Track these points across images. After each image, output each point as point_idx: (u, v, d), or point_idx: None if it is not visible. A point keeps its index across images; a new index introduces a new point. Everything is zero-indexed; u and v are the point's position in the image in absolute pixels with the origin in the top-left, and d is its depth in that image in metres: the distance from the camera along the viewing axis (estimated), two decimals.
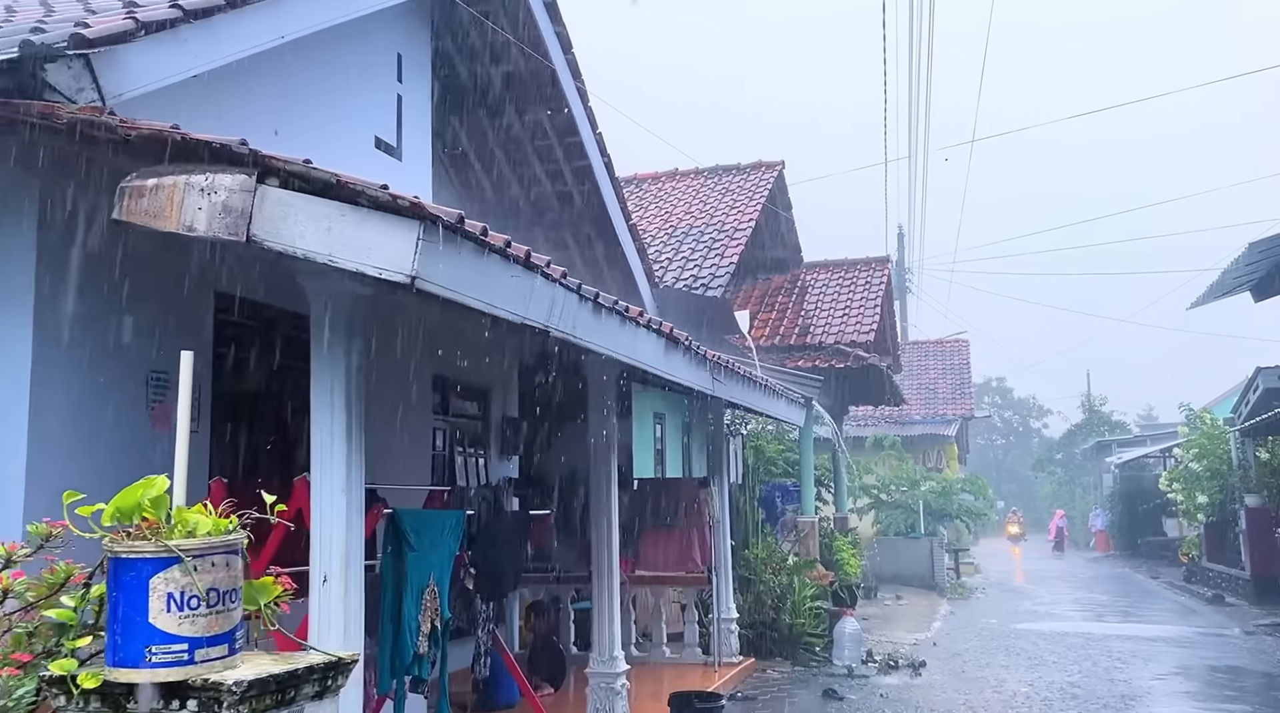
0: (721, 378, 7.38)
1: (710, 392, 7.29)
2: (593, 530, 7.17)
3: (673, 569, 10.23)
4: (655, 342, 5.84)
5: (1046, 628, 14.55)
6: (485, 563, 5.59)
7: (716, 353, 7.23)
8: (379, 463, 6.62)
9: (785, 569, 12.38)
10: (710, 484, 10.02)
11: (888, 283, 16.60)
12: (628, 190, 15.56)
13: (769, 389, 9.21)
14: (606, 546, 7.11)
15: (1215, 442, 18.83)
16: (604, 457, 7.10)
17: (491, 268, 3.80)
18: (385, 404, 6.82)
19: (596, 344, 4.89)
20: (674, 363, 6.29)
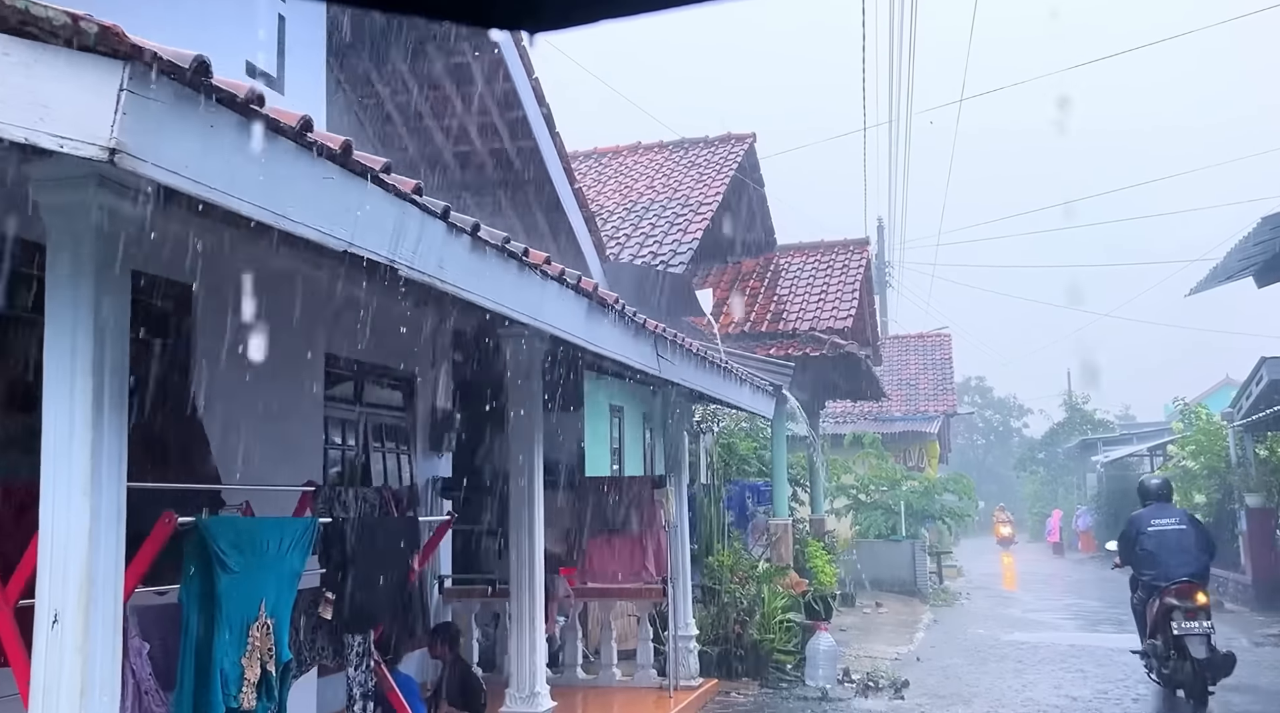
0: (669, 356, 6.16)
1: (656, 372, 6.07)
2: (512, 537, 5.96)
3: (624, 580, 9.02)
4: (574, 302, 4.61)
5: (1038, 639, 13.44)
6: (355, 584, 4.35)
7: (662, 325, 6.01)
8: (227, 458, 5.37)
9: (754, 578, 11.19)
10: (666, 483, 8.81)
11: (867, 267, 15.45)
12: (586, 164, 14.35)
13: (730, 373, 8.00)
14: (528, 555, 5.90)
15: (1212, 438, 17.79)
16: (525, 447, 5.89)
17: (279, 157, 2.56)
18: (237, 383, 5.56)
19: (480, 296, 3.66)
20: (601, 332, 5.06)
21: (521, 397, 5.88)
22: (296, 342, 6.12)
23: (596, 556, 9.02)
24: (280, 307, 5.98)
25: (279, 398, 5.91)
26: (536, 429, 5.94)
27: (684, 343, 6.45)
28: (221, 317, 5.60)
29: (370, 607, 4.44)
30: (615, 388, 11.99)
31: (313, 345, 6.36)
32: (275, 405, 5.88)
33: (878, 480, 20.82)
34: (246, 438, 5.52)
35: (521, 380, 5.85)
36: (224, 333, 5.65)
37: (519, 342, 5.77)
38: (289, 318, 6.06)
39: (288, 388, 5.96)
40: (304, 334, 6.19)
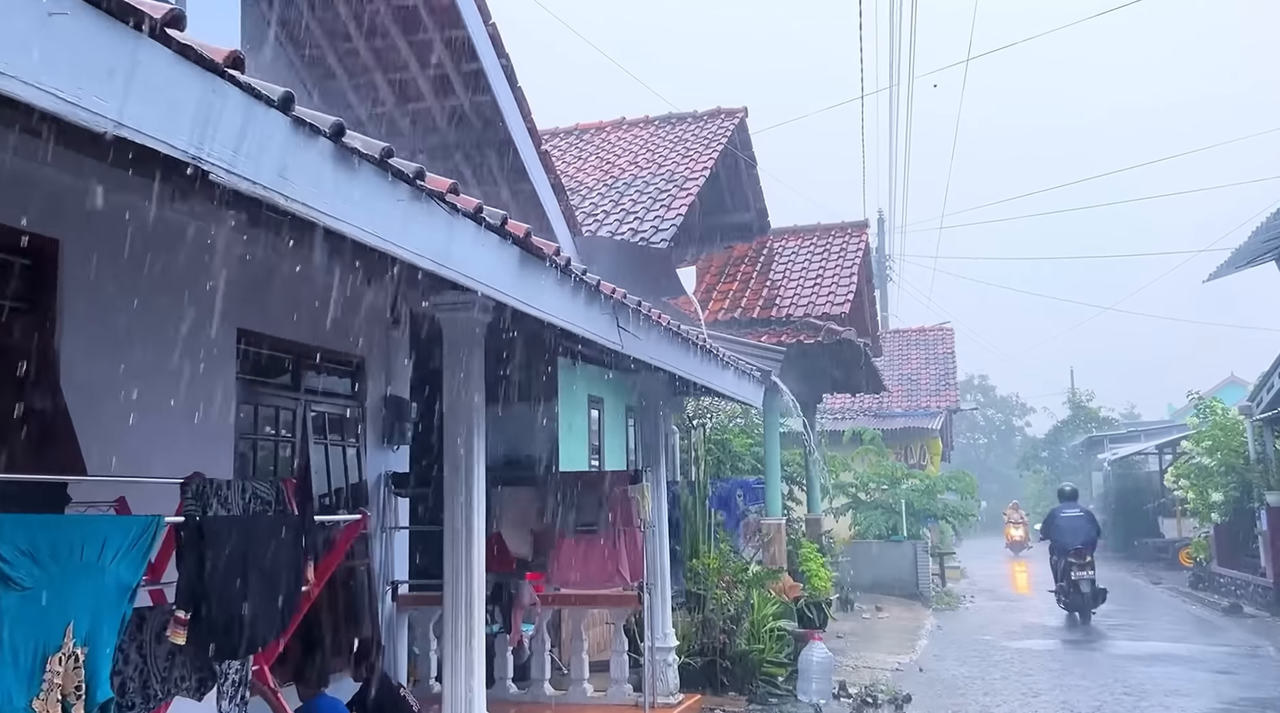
0: (632, 328, 5.28)
1: (616, 347, 5.20)
2: (446, 540, 5.09)
3: (596, 585, 8.15)
4: (499, 249, 3.74)
5: (1048, 647, 12.57)
6: (222, 598, 3.48)
7: (625, 291, 5.14)
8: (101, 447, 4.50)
9: (743, 582, 10.32)
10: (643, 478, 7.93)
11: (865, 251, 14.57)
12: (566, 142, 13.49)
13: (711, 355, 7.12)
14: (464, 560, 5.04)
15: (1229, 433, 16.91)
16: (462, 436, 5.03)
17: None
18: (114, 359, 4.70)
19: (350, 224, 2.79)
20: (542, 292, 4.19)
21: (457, 376, 5.02)
22: (197, 313, 5.25)
23: (566, 559, 8.15)
24: (175, 270, 5.12)
25: (170, 379, 5.04)
26: (477, 415, 5.08)
27: (652, 315, 5.58)
28: (98, 278, 4.75)
29: (244, 626, 3.57)
30: (594, 378, 11.14)
31: (219, 318, 5.49)
32: (165, 387, 5.01)
33: (878, 478, 19.95)
34: (124, 425, 4.66)
35: (456, 356, 4.99)
36: (99, 297, 4.79)
37: (454, 311, 4.92)
38: (186, 284, 5.20)
39: (183, 368, 5.08)
40: (206, 304, 5.32)
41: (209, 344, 5.40)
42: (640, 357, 5.63)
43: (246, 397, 6.53)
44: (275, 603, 3.80)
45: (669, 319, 5.84)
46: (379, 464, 8.36)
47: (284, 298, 6.24)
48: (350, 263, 5.72)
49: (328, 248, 4.59)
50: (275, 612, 3.81)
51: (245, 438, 6.84)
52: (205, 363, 5.34)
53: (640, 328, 5.48)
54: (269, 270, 5.93)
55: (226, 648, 3.55)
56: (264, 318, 6.39)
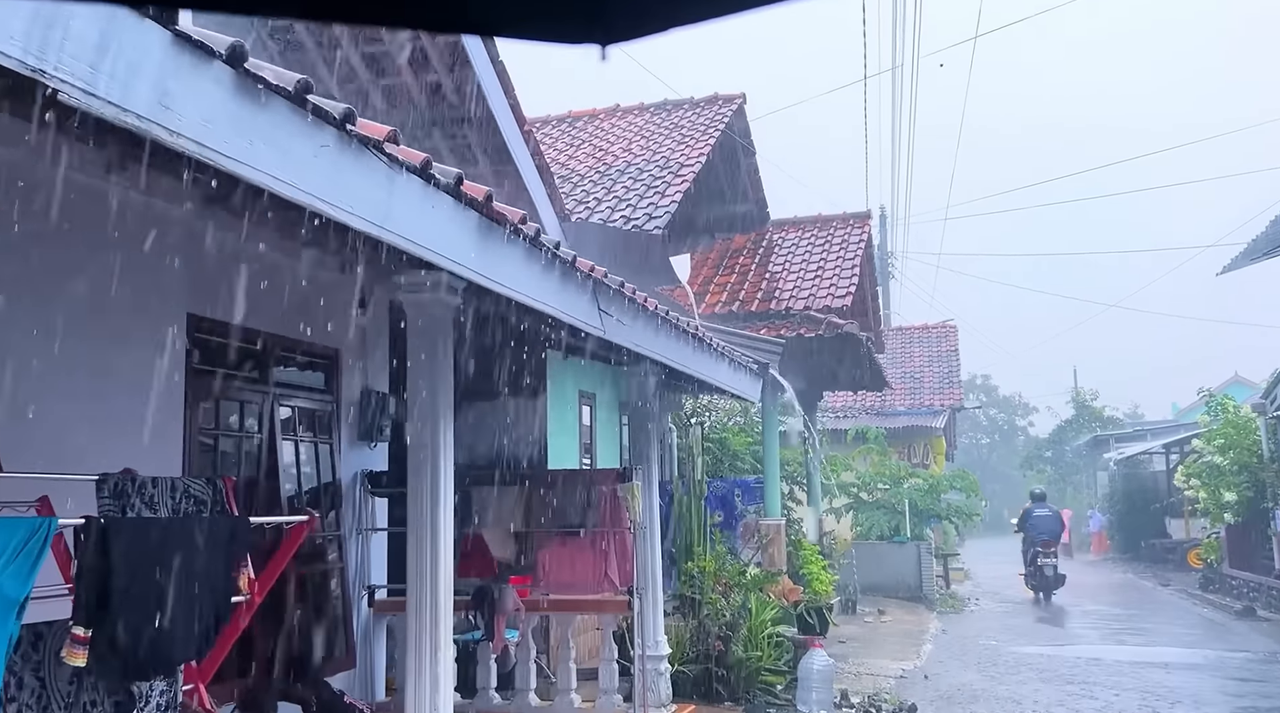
0: (615, 312, 4.83)
1: (597, 331, 4.75)
2: (410, 543, 4.66)
3: (583, 590, 7.71)
4: (452, 212, 3.29)
5: (1058, 652, 12.10)
6: (128, 614, 3.03)
7: (605, 271, 4.69)
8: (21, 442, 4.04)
9: (740, 586, 9.87)
10: (632, 476, 7.49)
11: (868, 242, 14.10)
12: (558, 129, 13.04)
13: (704, 344, 6.67)
14: (430, 566, 4.60)
15: (1242, 432, 16.44)
16: (429, 432, 4.60)
17: None
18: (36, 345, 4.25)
19: (256, 169, 2.34)
20: (507, 265, 3.74)
21: (423, 364, 4.58)
22: (134, 294, 4.80)
23: (551, 562, 7.72)
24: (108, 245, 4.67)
25: (104, 368, 4.59)
26: (444, 407, 4.65)
27: (638, 297, 5.12)
28: (11, 251, 4.30)
29: (162, 642, 3.12)
30: (586, 373, 10.68)
31: (163, 301, 5.04)
32: (98, 377, 4.56)
33: (880, 478, 19.48)
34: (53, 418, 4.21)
35: (421, 342, 4.55)
36: (14, 272, 4.34)
37: (418, 293, 4.49)
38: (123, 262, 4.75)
39: (119, 356, 4.64)
40: (146, 285, 4.87)
41: (151, 330, 4.95)
42: (625, 344, 5.18)
43: (204, 389, 6.08)
44: (201, 616, 3.35)
45: (657, 304, 5.38)
46: (355, 463, 7.93)
47: (246, 282, 5.79)
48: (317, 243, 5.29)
49: (289, 225, 4.15)
50: (201, 626, 3.36)
51: (208, 433, 6.41)
52: (146, 351, 4.89)
53: (624, 312, 5.03)
54: (227, 252, 5.48)
55: (139, 668, 3.10)
56: (222, 304, 5.93)
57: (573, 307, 4.47)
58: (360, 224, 2.77)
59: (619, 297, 4.83)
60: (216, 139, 2.20)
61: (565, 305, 4.38)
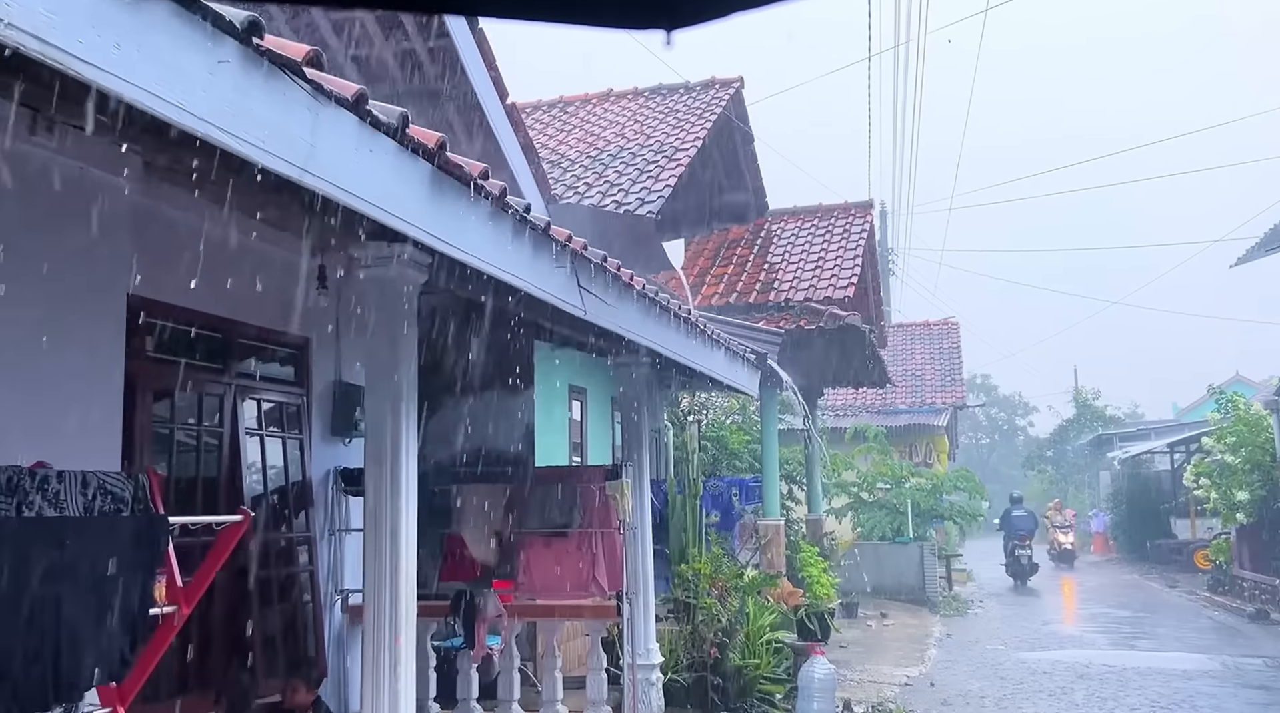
0: (598, 290, 4.36)
1: (577, 311, 4.28)
2: (367, 547, 4.19)
3: (570, 594, 7.24)
4: (398, 161, 2.82)
5: (1067, 658, 11.63)
6: (14, 633, 2.56)
7: (584, 242, 4.22)
8: None
9: (737, 589, 9.42)
10: (621, 474, 7.02)
11: (870, 233, 13.64)
12: (549, 115, 12.57)
13: (696, 330, 6.19)
14: (389, 571, 4.13)
15: (1254, 429, 15.97)
16: (386, 422, 4.13)
17: None
18: None
19: (120, 78, 1.87)
20: (467, 230, 3.28)
21: (383, 347, 4.12)
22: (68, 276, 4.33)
23: (535, 564, 7.25)
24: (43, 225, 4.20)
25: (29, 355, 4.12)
26: (407, 396, 4.17)
27: (623, 275, 4.66)
28: None
29: (55, 662, 2.65)
30: (577, 367, 10.21)
31: (97, 282, 4.57)
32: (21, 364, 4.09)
33: (881, 477, 19.02)
34: None
35: (381, 322, 4.09)
36: None
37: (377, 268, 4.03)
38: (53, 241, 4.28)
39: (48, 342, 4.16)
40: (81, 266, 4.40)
41: (83, 312, 4.48)
42: (609, 327, 4.71)
43: (152, 379, 5.61)
44: (111, 632, 2.87)
45: (645, 283, 4.91)
46: (327, 460, 7.46)
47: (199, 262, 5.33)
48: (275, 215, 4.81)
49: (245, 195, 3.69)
50: (112, 643, 2.89)
51: (164, 425, 5.95)
52: (77, 335, 4.42)
53: (608, 290, 4.56)
54: (177, 229, 5.02)
55: (33, 695, 2.62)
56: (171, 285, 5.47)
57: (548, 282, 4.00)
58: (275, 163, 2.30)
59: (601, 272, 4.36)
60: (64, 35, 1.73)
61: (539, 280, 3.91)
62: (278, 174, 2.34)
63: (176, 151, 2.84)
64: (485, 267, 3.46)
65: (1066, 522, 27.28)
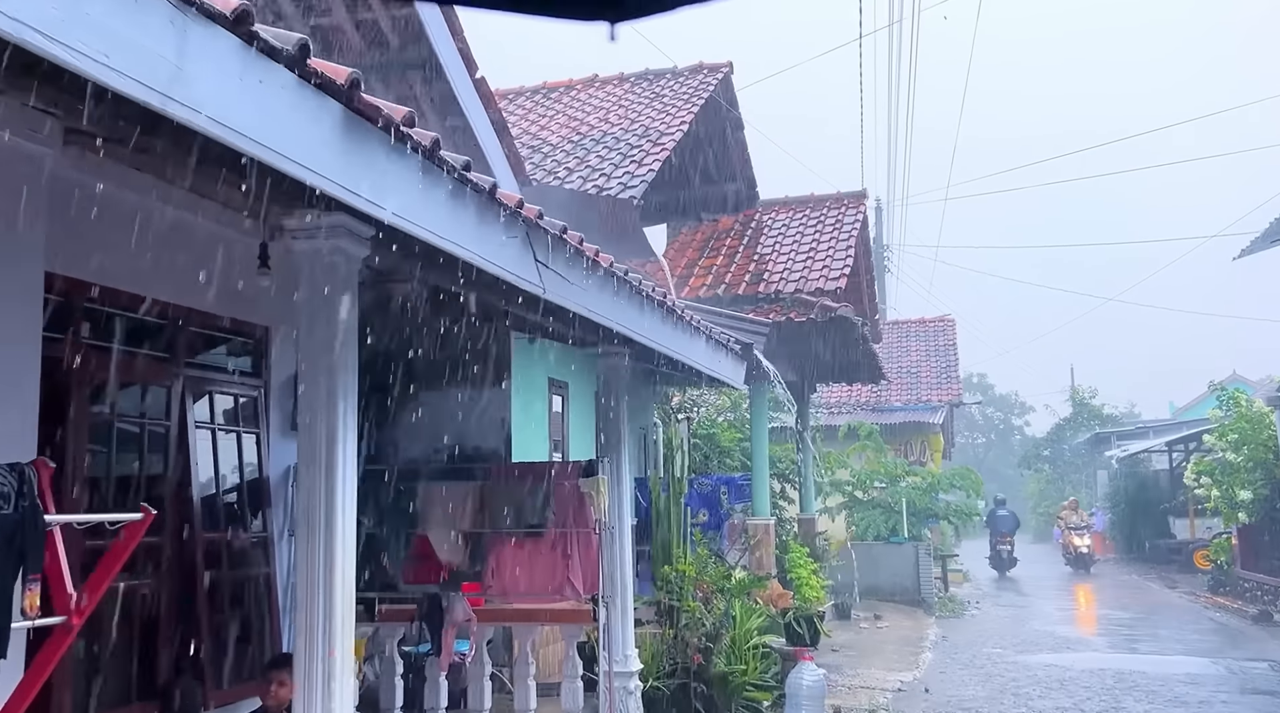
0: (553, 264, 3.96)
1: (537, 290, 3.88)
2: (300, 538, 3.81)
3: (543, 598, 6.84)
4: (298, 97, 2.41)
5: (1069, 662, 11.25)
6: None
7: (539, 210, 3.82)
8: None
9: (724, 591, 9.02)
10: (598, 470, 6.62)
11: (864, 224, 13.24)
12: (531, 101, 12.17)
13: (674, 314, 5.79)
14: (325, 570, 3.74)
15: (1257, 427, 15.61)
16: (322, 400, 3.75)
17: None
18: None
19: None
20: (395, 187, 2.88)
21: (317, 328, 3.73)
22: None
23: (506, 566, 6.85)
24: None
25: None
26: (344, 382, 3.79)
27: (587, 250, 4.25)
28: None
29: None
30: (557, 359, 9.80)
31: (13, 260, 4.17)
32: None
33: (876, 476, 18.63)
34: None
35: (317, 300, 3.71)
36: None
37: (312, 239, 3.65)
38: None
39: None
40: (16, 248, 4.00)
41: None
42: (574, 308, 4.31)
43: (89, 368, 5.20)
44: None
45: (613, 260, 4.51)
46: (288, 456, 7.02)
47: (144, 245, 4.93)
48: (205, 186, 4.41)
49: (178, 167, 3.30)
50: None
51: (102, 418, 5.55)
52: None
53: (571, 267, 4.15)
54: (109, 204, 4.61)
55: None
56: (110, 269, 5.07)
57: (499, 254, 3.60)
58: (127, 86, 1.89)
59: (561, 246, 3.95)
60: None
61: (488, 251, 3.51)
62: (133, 100, 1.93)
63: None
64: (418, 230, 3.06)
65: (1082, 522, 25.39)
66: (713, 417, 19.31)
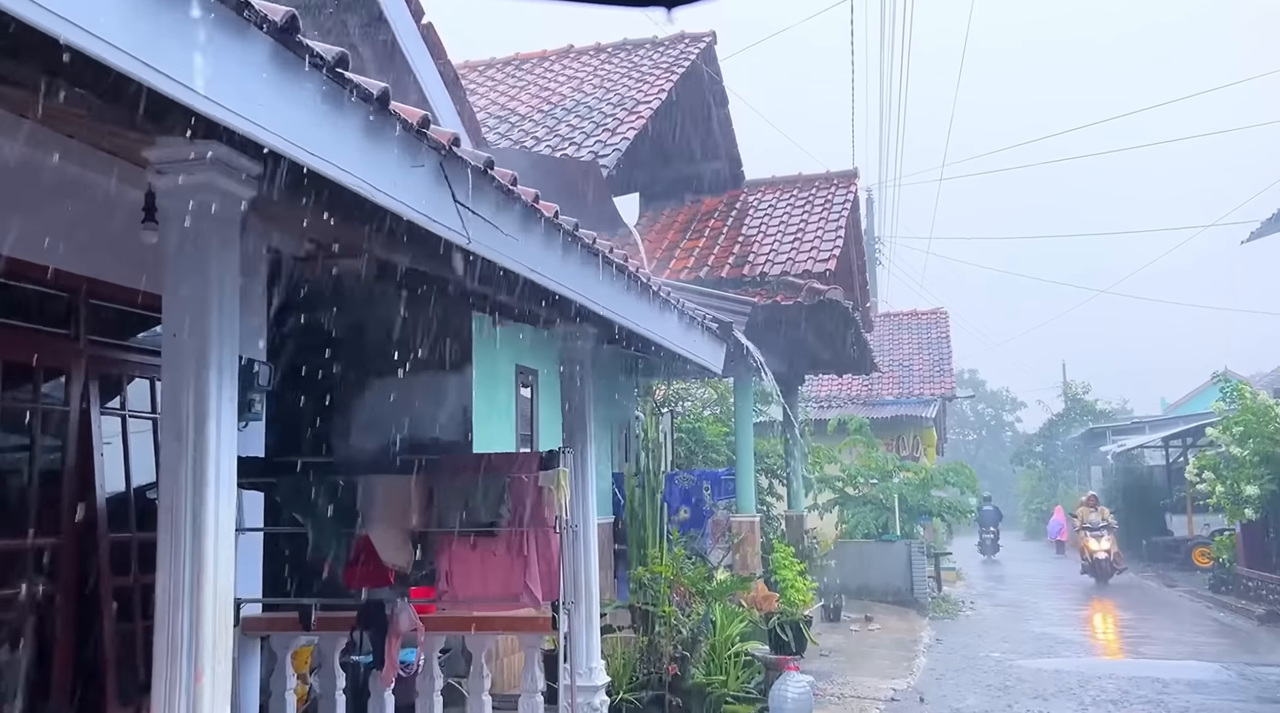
0: (487, 211, 3.26)
1: (461, 239, 3.19)
2: (161, 538, 3.13)
3: (497, 603, 6.14)
4: None
5: (1069, 667, 10.61)
6: None
7: (454, 135, 3.12)
8: None
9: (704, 594, 8.36)
10: (558, 462, 5.92)
11: (854, 204, 12.56)
12: (503, 73, 11.47)
13: (636, 281, 5.10)
14: (192, 571, 3.06)
15: (1262, 419, 15.00)
16: (190, 372, 3.06)
17: None
18: None
19: None
20: (239, 81, 2.18)
21: (183, 283, 3.06)
22: None
23: (458, 569, 6.14)
24: None
25: None
26: (214, 346, 3.10)
27: (525, 196, 3.56)
28: None
29: None
30: (525, 345, 9.11)
31: None
32: None
33: (867, 472, 17.97)
34: None
35: (185, 252, 3.04)
36: None
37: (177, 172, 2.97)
38: None
39: None
40: None
41: None
42: (508, 265, 3.61)
43: None
44: None
45: (558, 210, 3.81)
46: None
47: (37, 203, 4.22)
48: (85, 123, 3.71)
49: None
50: None
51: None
52: None
53: (504, 214, 3.45)
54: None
55: None
56: None
57: (402, 187, 2.90)
58: None
59: (485, 182, 3.25)
60: None
61: (384, 180, 2.81)
62: None
63: None
64: (291, 149, 2.36)
65: (1102, 521, 21.16)
66: (699, 410, 18.66)
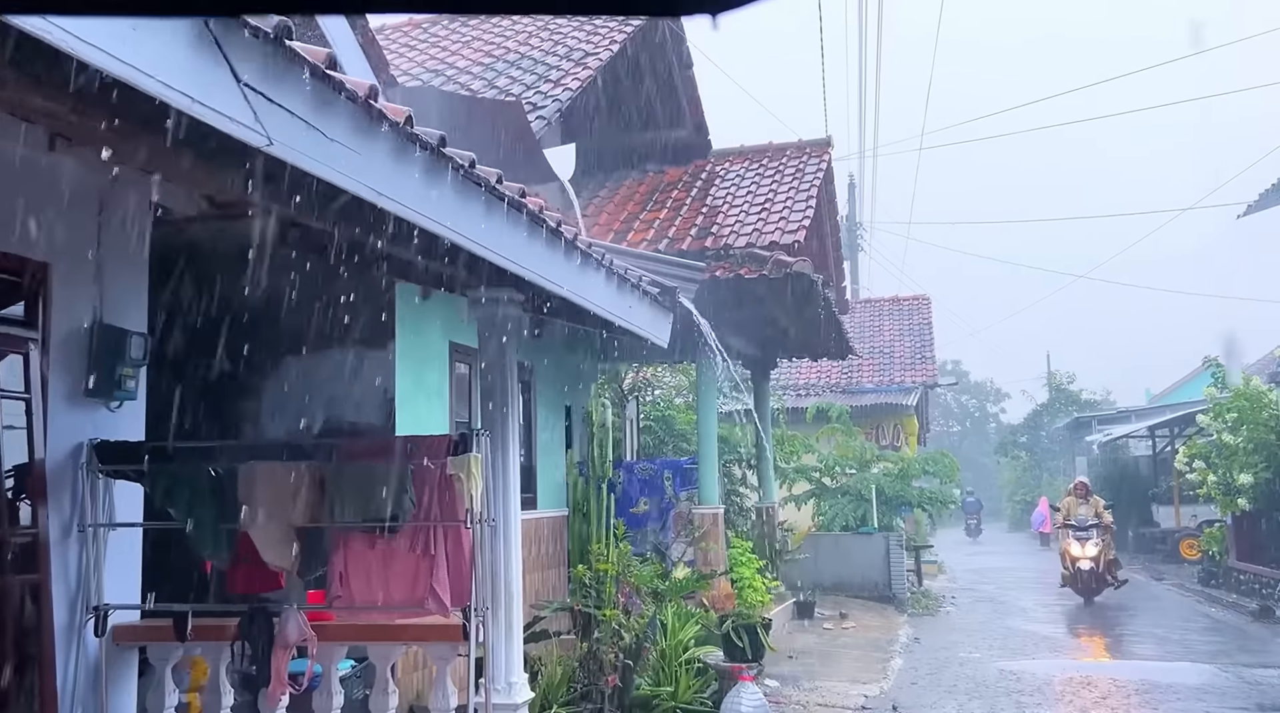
0: (287, 100, 2.42)
1: (259, 139, 2.35)
2: None
3: (399, 610, 5.32)
4: None
5: (1055, 669, 9.87)
6: None
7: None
8: None
9: (656, 594, 7.56)
10: (470, 446, 5.10)
11: (827, 175, 11.75)
12: (447, 29, 10.57)
13: (542, 226, 4.24)
14: None
15: (1256, 405, 14.31)
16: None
17: None
18: None
19: None
20: None
21: None
22: None
23: (355, 570, 5.32)
24: None
25: None
26: None
27: (350, 84, 2.72)
28: None
29: None
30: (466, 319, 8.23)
31: None
32: None
33: (845, 461, 17.22)
34: None
35: None
36: None
37: None
38: None
39: None
40: None
41: None
42: (342, 184, 2.78)
43: None
44: None
45: (410, 114, 2.97)
46: (77, 430, 5.48)
47: None
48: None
49: None
50: None
51: None
52: None
53: (323, 110, 2.61)
54: None
55: None
56: None
57: (151, 59, 2.05)
58: None
59: (290, 63, 2.42)
60: None
61: (125, 49, 1.97)
62: None
63: None
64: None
65: (1093, 517, 15.70)
66: (669, 397, 17.87)
